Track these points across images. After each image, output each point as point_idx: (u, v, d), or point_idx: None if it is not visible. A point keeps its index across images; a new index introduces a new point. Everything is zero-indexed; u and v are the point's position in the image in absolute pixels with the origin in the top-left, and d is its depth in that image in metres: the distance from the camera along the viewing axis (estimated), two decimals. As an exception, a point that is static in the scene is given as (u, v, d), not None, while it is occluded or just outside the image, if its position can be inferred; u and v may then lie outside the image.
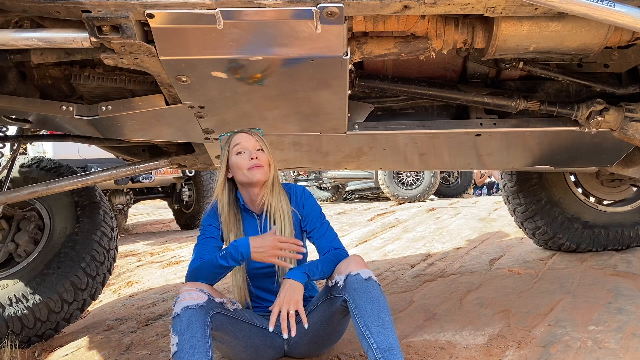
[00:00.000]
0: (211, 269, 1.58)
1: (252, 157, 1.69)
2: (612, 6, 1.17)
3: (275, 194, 1.75)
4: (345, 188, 10.25)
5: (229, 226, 1.75)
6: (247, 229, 1.78)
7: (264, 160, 1.71)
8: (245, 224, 1.78)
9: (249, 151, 1.70)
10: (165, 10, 1.22)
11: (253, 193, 1.75)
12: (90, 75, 1.74)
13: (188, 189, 6.60)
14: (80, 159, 5.52)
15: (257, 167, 1.68)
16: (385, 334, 1.46)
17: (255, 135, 1.73)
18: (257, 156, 1.69)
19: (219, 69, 1.44)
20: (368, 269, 1.60)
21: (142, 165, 2.29)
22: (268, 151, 1.73)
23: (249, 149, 1.70)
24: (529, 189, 3.09)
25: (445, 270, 3.04)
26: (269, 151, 1.74)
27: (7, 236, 2.50)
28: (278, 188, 1.77)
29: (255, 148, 1.71)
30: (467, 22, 1.47)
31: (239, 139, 1.72)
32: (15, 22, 1.47)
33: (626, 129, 1.76)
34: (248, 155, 1.69)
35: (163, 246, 5.34)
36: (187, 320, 1.44)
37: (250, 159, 1.68)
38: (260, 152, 1.71)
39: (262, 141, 1.74)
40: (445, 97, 1.83)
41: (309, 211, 1.80)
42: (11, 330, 2.33)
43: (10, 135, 2.61)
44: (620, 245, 3.04)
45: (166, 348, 2.16)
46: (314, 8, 1.21)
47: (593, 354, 1.68)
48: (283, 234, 1.71)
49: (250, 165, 1.68)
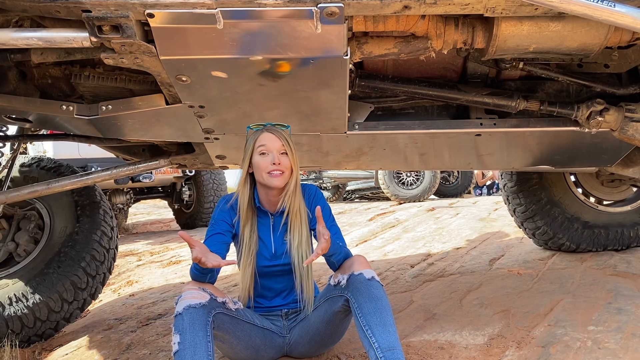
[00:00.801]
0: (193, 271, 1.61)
1: (274, 162, 1.66)
2: (612, 6, 1.17)
3: (296, 198, 1.73)
4: (346, 188, 10.26)
5: (245, 221, 1.74)
6: (260, 226, 1.79)
7: (286, 166, 1.69)
8: (260, 222, 1.79)
9: (273, 155, 1.67)
10: (165, 10, 1.22)
11: (271, 194, 1.74)
12: (90, 75, 1.74)
13: (188, 188, 6.61)
14: (81, 159, 5.52)
15: (278, 174, 1.67)
16: (387, 333, 1.47)
17: (282, 138, 1.69)
18: (280, 161, 1.67)
19: (219, 69, 1.44)
20: (371, 269, 1.61)
21: (142, 164, 2.29)
22: (292, 154, 1.70)
23: (273, 152, 1.67)
24: (529, 189, 3.09)
25: (445, 270, 3.04)
26: (293, 154, 1.71)
27: (7, 235, 2.50)
28: (298, 191, 1.75)
29: (279, 152, 1.68)
30: (467, 22, 1.47)
31: (265, 139, 1.68)
32: (16, 21, 1.47)
33: (626, 129, 1.76)
34: (271, 159, 1.66)
35: (163, 246, 5.34)
36: (189, 319, 1.44)
37: (272, 163, 1.66)
38: (284, 157, 1.68)
39: (288, 144, 1.70)
40: (446, 97, 1.83)
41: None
42: (11, 329, 2.33)
43: (10, 135, 2.61)
44: (620, 246, 3.04)
45: (166, 348, 2.16)
46: (314, 8, 1.21)
47: (593, 354, 1.68)
48: (301, 238, 1.71)
49: (271, 169, 1.66)
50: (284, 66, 1.44)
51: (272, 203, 1.77)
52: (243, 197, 1.75)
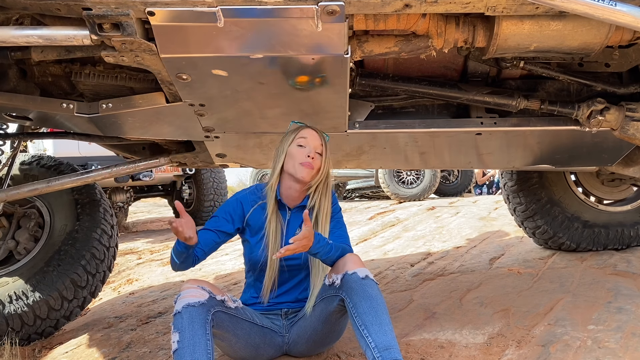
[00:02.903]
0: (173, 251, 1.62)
1: (309, 155, 1.70)
2: (613, 5, 1.17)
3: (327, 199, 1.77)
4: (346, 187, 10.25)
5: (272, 214, 1.75)
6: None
7: (318, 164, 1.72)
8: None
9: (310, 148, 1.71)
10: (166, 8, 1.22)
11: (293, 187, 1.75)
12: (90, 73, 1.74)
13: (188, 187, 6.61)
14: (81, 157, 5.52)
15: (309, 166, 1.70)
16: (383, 332, 1.46)
17: (322, 139, 1.75)
18: (314, 157, 1.71)
19: (220, 67, 1.44)
20: (365, 267, 1.60)
21: (142, 163, 2.29)
22: (326, 159, 1.75)
23: (310, 145, 1.72)
24: (529, 188, 3.09)
25: (445, 269, 3.04)
26: (327, 159, 1.75)
27: (7, 234, 2.50)
28: (329, 193, 1.78)
29: (316, 149, 1.72)
30: (468, 21, 1.47)
31: (307, 133, 1.74)
32: (16, 19, 1.48)
33: (627, 129, 1.76)
34: (307, 151, 1.71)
35: (163, 244, 5.34)
36: (188, 318, 1.44)
37: (307, 155, 1.70)
38: (318, 156, 1.73)
39: (326, 147, 1.75)
40: (446, 96, 1.83)
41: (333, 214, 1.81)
42: (11, 327, 2.33)
43: (10, 133, 2.61)
44: (620, 245, 3.04)
45: (166, 346, 2.16)
46: (315, 6, 1.21)
47: (593, 353, 1.68)
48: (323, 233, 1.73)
49: (303, 160, 1.69)
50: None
51: (292, 198, 1.78)
52: (273, 189, 1.76)
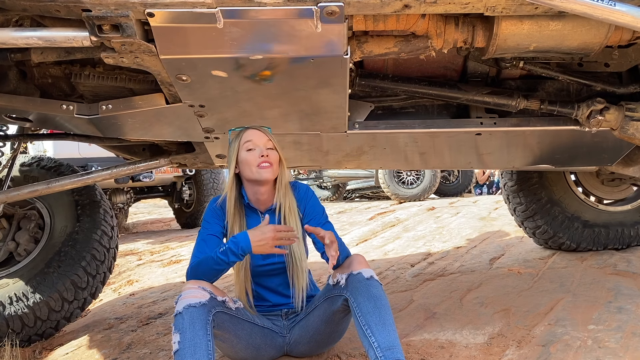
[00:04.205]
0: (211, 265, 1.56)
1: (262, 155, 1.68)
2: (612, 5, 1.17)
3: (287, 194, 1.74)
4: (346, 187, 10.25)
5: (233, 223, 1.73)
6: (251, 226, 1.77)
7: (274, 159, 1.70)
8: (249, 222, 1.77)
9: (260, 148, 1.69)
10: (165, 9, 1.22)
11: (259, 191, 1.74)
12: (90, 74, 1.74)
13: (188, 187, 6.61)
14: (81, 158, 5.53)
15: (267, 165, 1.67)
16: (387, 332, 1.47)
17: (267, 133, 1.73)
18: (267, 154, 1.68)
19: (219, 68, 1.44)
20: (370, 268, 1.60)
21: (142, 164, 2.29)
22: (279, 150, 1.73)
23: (260, 146, 1.69)
24: (529, 188, 3.09)
25: (445, 269, 3.04)
26: (279, 150, 1.73)
27: (8, 235, 2.50)
28: (288, 188, 1.76)
29: (266, 146, 1.70)
30: (468, 21, 1.47)
31: (251, 135, 1.71)
32: (16, 21, 1.47)
33: (626, 128, 1.76)
34: (259, 152, 1.68)
35: (163, 245, 5.34)
36: (189, 319, 1.44)
37: (260, 156, 1.68)
38: (270, 151, 1.70)
39: (274, 140, 1.73)
40: (446, 96, 1.83)
41: (311, 210, 1.79)
42: (12, 329, 2.33)
43: (10, 134, 2.61)
44: (620, 245, 3.04)
45: (166, 347, 2.16)
46: (314, 7, 1.21)
47: (593, 353, 1.68)
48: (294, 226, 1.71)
49: (260, 162, 1.67)
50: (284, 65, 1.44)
51: (261, 202, 1.76)
52: (230, 198, 1.74)
